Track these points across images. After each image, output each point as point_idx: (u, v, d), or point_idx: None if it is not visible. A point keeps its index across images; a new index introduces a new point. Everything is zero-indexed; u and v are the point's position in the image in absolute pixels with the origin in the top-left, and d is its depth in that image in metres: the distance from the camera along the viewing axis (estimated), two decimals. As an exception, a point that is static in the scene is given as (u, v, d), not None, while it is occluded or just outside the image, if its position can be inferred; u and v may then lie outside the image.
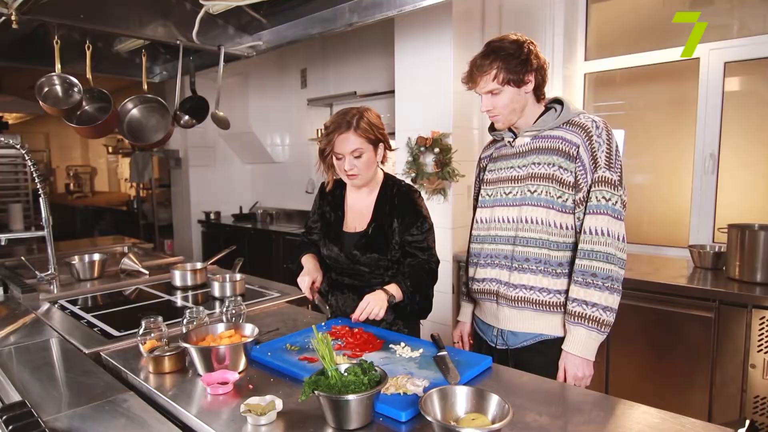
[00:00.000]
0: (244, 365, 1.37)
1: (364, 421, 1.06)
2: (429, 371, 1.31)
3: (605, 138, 1.45)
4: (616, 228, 1.43)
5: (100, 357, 1.50)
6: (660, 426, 1.06)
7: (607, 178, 1.43)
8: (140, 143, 2.62)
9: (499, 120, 1.56)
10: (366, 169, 1.69)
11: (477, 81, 1.50)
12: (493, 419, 0.96)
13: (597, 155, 1.44)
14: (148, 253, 3.37)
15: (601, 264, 1.41)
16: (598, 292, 1.41)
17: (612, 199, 1.43)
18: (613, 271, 1.42)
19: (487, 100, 1.52)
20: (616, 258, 1.42)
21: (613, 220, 1.42)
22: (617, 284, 1.43)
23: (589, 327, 1.42)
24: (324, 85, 4.89)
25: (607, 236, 1.42)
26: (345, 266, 1.80)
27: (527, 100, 1.53)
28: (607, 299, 1.42)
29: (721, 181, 2.97)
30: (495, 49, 1.47)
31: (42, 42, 2.54)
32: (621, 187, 1.46)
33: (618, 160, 1.47)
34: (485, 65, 1.47)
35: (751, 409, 2.13)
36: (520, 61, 1.45)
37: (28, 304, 2.04)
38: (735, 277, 2.32)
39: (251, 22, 2.72)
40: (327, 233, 1.85)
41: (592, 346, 1.44)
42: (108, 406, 1.15)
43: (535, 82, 1.50)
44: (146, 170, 5.61)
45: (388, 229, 1.73)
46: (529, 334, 1.53)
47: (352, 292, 1.80)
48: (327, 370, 1.11)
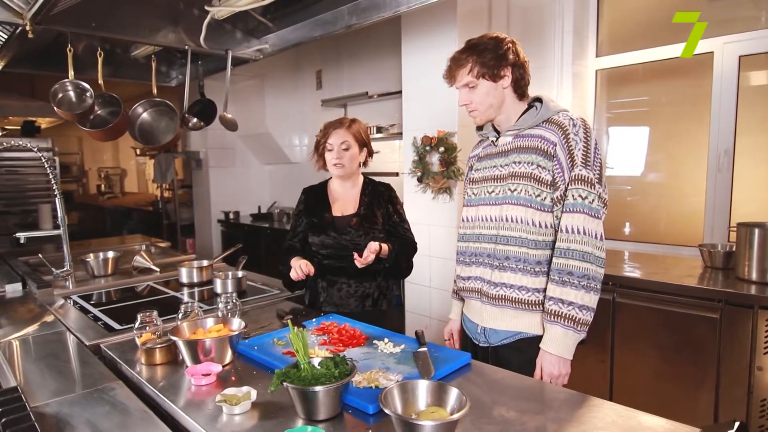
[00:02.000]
0: (230, 358, 1.42)
1: (332, 413, 1.09)
2: (406, 366, 1.33)
3: (582, 136, 1.44)
4: (593, 226, 1.42)
5: (99, 349, 1.58)
6: (621, 424, 1.05)
7: (583, 176, 1.42)
8: (150, 145, 2.72)
9: (477, 115, 1.57)
10: (350, 162, 1.99)
11: (454, 75, 1.53)
12: (451, 412, 0.98)
13: (574, 153, 1.43)
14: (165, 251, 3.49)
15: (578, 262, 1.41)
16: (575, 291, 1.41)
17: (588, 198, 1.42)
18: (590, 269, 1.41)
19: (464, 94, 1.55)
20: (593, 257, 1.41)
21: (589, 218, 1.42)
22: (594, 283, 1.42)
23: (566, 326, 1.42)
24: (338, 85, 4.95)
25: (583, 234, 1.41)
26: (338, 250, 1.96)
27: (505, 96, 1.54)
28: (583, 298, 1.41)
29: (737, 178, 2.88)
30: (472, 45, 1.51)
31: (64, 50, 2.66)
32: (600, 185, 1.45)
33: (597, 157, 1.45)
34: (461, 59, 1.51)
35: (758, 413, 2.07)
36: (495, 55, 1.48)
37: (43, 299, 2.15)
38: (744, 277, 2.26)
39: (258, 26, 2.79)
40: (318, 222, 2.01)
41: (568, 345, 1.44)
42: (96, 394, 1.22)
43: (512, 77, 1.51)
44: (168, 171, 5.79)
45: (374, 214, 2.01)
46: (510, 332, 1.54)
47: (346, 276, 1.97)
48: (300, 363, 1.15)
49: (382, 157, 4.53)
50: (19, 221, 5.07)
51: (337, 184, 2.08)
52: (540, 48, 3.38)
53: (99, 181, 9.86)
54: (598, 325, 2.51)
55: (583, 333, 1.44)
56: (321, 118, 5.25)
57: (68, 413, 1.13)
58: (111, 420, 1.10)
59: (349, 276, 1.97)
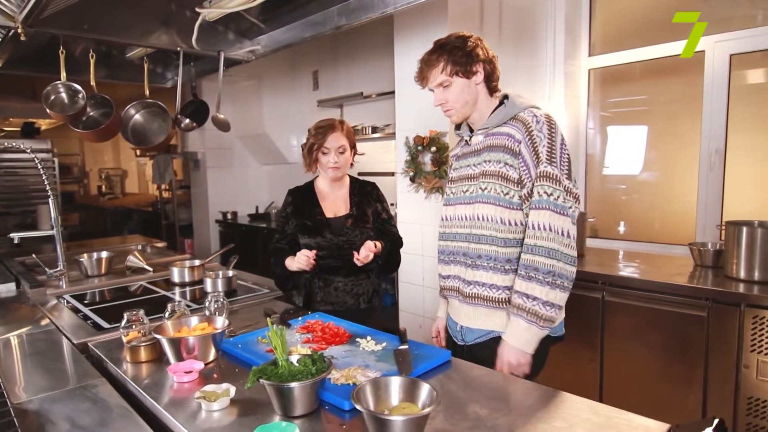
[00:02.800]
0: (213, 356, 1.44)
1: (309, 409, 1.11)
2: (386, 364, 1.35)
3: (546, 132, 1.43)
4: (559, 223, 1.40)
5: (87, 347, 1.60)
6: (594, 420, 1.07)
7: (548, 173, 1.41)
8: (143, 146, 2.74)
9: (453, 114, 1.57)
10: (345, 164, 2.02)
11: (427, 76, 1.54)
12: (423, 407, 1.00)
13: (538, 150, 1.42)
14: (161, 251, 3.52)
15: (543, 259, 1.40)
16: (540, 287, 1.40)
17: (554, 194, 1.41)
18: (556, 266, 1.40)
19: (438, 94, 1.55)
20: (559, 253, 1.40)
21: (555, 215, 1.40)
22: (561, 280, 1.41)
23: (529, 320, 1.42)
24: (335, 86, 4.97)
25: (549, 231, 1.40)
26: (334, 250, 1.98)
27: (479, 93, 1.55)
28: (548, 294, 1.40)
29: (728, 177, 2.89)
30: (441, 45, 1.52)
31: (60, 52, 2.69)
32: (569, 181, 1.43)
33: (563, 153, 1.44)
34: (432, 60, 1.52)
35: (745, 410, 2.08)
36: (465, 52, 1.49)
37: (36, 299, 2.18)
38: (732, 276, 2.26)
39: (250, 27, 2.81)
40: (312, 224, 2.01)
41: (530, 339, 1.43)
42: (79, 391, 1.24)
43: (484, 72, 1.52)
44: (167, 172, 5.82)
45: (365, 213, 2.05)
46: (483, 330, 1.55)
47: (342, 275, 2.00)
48: (279, 360, 1.17)
49: (378, 156, 4.55)
50: (18, 222, 5.11)
51: (325, 185, 2.10)
52: (532, 48, 3.39)
53: (100, 182, 9.91)
54: (588, 323, 2.53)
55: (546, 329, 1.43)
56: (318, 119, 5.25)
57: (49, 409, 1.15)
58: (91, 416, 1.11)
59: (344, 275, 2.00)
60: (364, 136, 4.40)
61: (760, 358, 2.02)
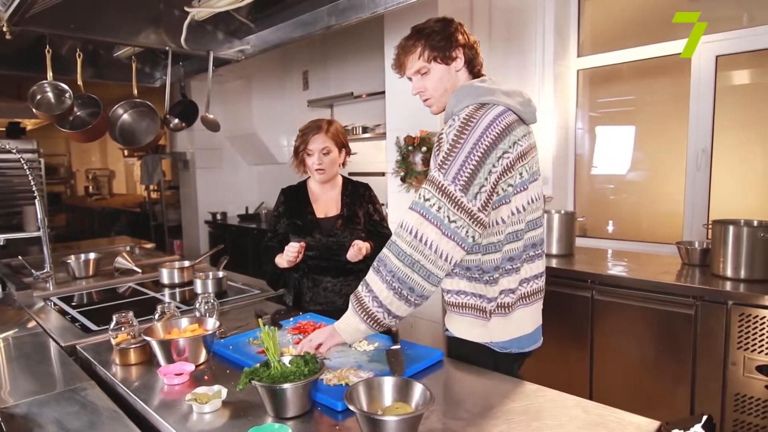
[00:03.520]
0: (204, 358, 1.43)
1: (301, 410, 1.11)
2: (378, 364, 1.35)
3: (452, 137, 1.27)
4: (427, 232, 1.22)
5: (75, 350, 1.58)
6: (584, 418, 1.07)
7: (432, 178, 1.26)
8: (131, 146, 2.71)
9: (432, 103, 1.46)
10: (331, 166, 2.00)
11: (404, 63, 1.43)
12: (416, 407, 1.00)
13: (438, 155, 1.30)
14: (150, 252, 3.48)
15: (404, 267, 1.23)
16: (386, 290, 1.25)
17: (431, 201, 1.23)
18: (413, 280, 1.23)
19: (417, 82, 1.44)
20: (420, 266, 1.22)
21: (425, 222, 1.23)
22: (411, 295, 1.24)
23: (357, 309, 1.30)
24: (325, 86, 4.96)
25: (414, 237, 1.23)
26: (323, 251, 1.98)
27: (459, 80, 1.43)
28: (390, 301, 1.25)
29: (717, 176, 2.93)
30: (418, 30, 1.42)
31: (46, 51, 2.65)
32: (463, 194, 1.22)
33: (467, 164, 1.22)
34: (409, 45, 1.41)
35: (732, 407, 2.10)
36: (444, 36, 1.39)
37: (22, 301, 2.14)
38: (719, 274, 2.29)
39: (240, 26, 2.79)
40: (303, 224, 2.01)
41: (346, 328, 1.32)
42: (67, 394, 1.22)
43: (464, 58, 1.42)
44: (155, 172, 5.76)
45: (356, 214, 2.05)
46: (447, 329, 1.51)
47: (331, 276, 2.00)
48: (271, 361, 1.16)
49: (369, 157, 4.55)
50: (3, 223, 5.03)
51: (317, 187, 2.10)
52: (521, 48, 3.41)
53: (87, 183, 9.80)
54: (578, 322, 2.55)
55: (372, 328, 1.29)
56: (308, 119, 5.22)
57: (37, 413, 1.13)
58: (80, 419, 1.10)
59: (333, 275, 2.00)
60: (354, 137, 4.40)
61: (747, 355, 2.05)
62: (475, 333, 1.41)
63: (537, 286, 1.41)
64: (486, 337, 1.39)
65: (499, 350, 1.40)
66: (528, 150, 1.33)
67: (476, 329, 1.40)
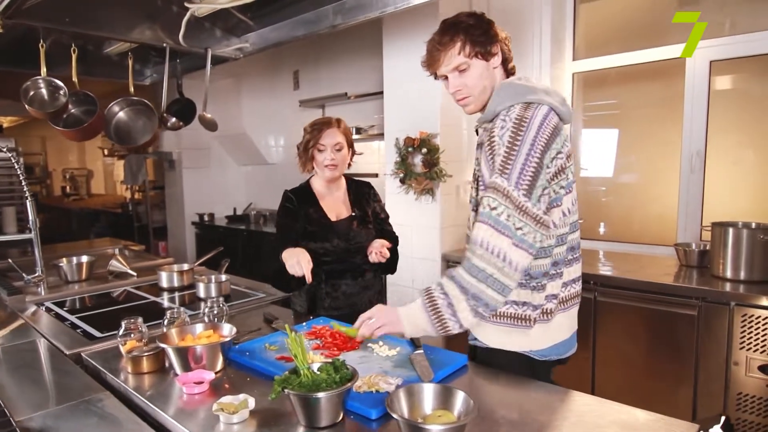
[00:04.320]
0: (221, 365, 1.38)
1: (335, 419, 1.07)
2: (404, 370, 1.32)
3: (507, 138, 1.22)
4: (497, 243, 1.18)
5: (81, 358, 1.51)
6: (626, 421, 1.07)
7: (495, 185, 1.21)
8: (127, 145, 2.63)
9: (470, 101, 1.37)
10: (342, 163, 1.95)
11: (440, 60, 1.33)
12: (459, 416, 0.98)
13: (495, 157, 1.24)
14: (140, 255, 3.39)
15: (475, 281, 1.19)
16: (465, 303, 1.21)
17: (497, 209, 1.19)
18: (485, 294, 1.19)
19: (454, 80, 1.35)
20: (493, 280, 1.18)
21: (495, 233, 1.18)
22: (483, 309, 1.21)
23: (428, 308, 1.24)
24: (316, 86, 4.90)
25: (485, 250, 1.19)
26: (341, 254, 1.91)
27: (496, 78, 1.37)
28: (464, 315, 1.22)
29: (710, 179, 2.98)
30: (453, 24, 1.33)
31: (34, 46, 2.55)
32: (527, 198, 1.18)
33: (527, 166, 1.19)
34: (446, 41, 1.31)
35: (734, 406, 2.14)
36: (483, 30, 1.31)
37: (14, 306, 2.05)
38: (719, 275, 2.33)
39: (238, 24, 2.73)
40: (318, 230, 1.93)
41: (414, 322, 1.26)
42: (83, 405, 1.16)
43: (501, 55, 1.36)
44: (140, 172, 5.62)
45: (366, 214, 2.01)
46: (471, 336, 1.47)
47: (350, 278, 1.94)
48: (299, 369, 1.13)
49: (362, 158, 4.51)
50: (-20, 225, 4.82)
51: (322, 186, 2.01)
52: (519, 51, 3.39)
53: (64, 183, 9.51)
54: (581, 323, 2.56)
55: (438, 329, 1.24)
56: (299, 119, 5.21)
57: (53, 427, 1.07)
58: (101, 432, 1.05)
59: (351, 277, 1.95)
60: (347, 137, 4.36)
61: (749, 354, 2.09)
62: (514, 342, 1.35)
63: (575, 290, 1.38)
64: (526, 345, 1.34)
65: (539, 358, 1.36)
66: (571, 150, 1.31)
67: (516, 338, 1.34)
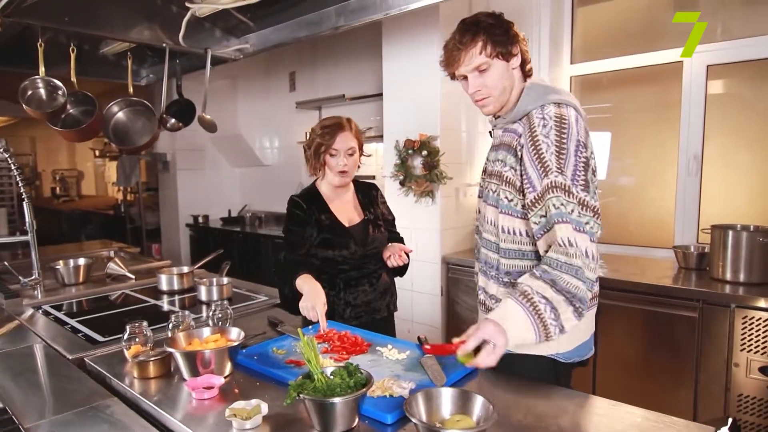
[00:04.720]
0: (230, 369, 1.36)
1: (350, 424, 1.06)
2: (415, 373, 1.31)
3: (554, 137, 1.23)
4: (580, 240, 1.20)
5: (84, 363, 1.48)
6: (642, 425, 1.07)
7: (558, 184, 1.21)
8: (126, 147, 2.59)
9: (489, 102, 1.36)
10: (353, 168, 1.88)
11: (460, 60, 1.31)
12: (477, 420, 0.97)
13: (544, 158, 1.23)
14: (135, 257, 3.35)
15: (568, 277, 1.19)
16: (564, 304, 1.19)
17: (567, 207, 1.21)
18: (580, 289, 1.19)
19: (474, 80, 1.33)
20: (584, 275, 1.19)
21: (574, 231, 1.20)
22: (579, 304, 1.20)
23: (531, 314, 1.17)
24: (312, 88, 4.89)
25: (575, 247, 1.19)
26: (359, 260, 1.87)
27: (515, 79, 1.36)
28: (564, 311, 1.19)
29: (705, 182, 3.01)
30: (474, 23, 1.31)
31: (28, 45, 2.51)
32: (585, 193, 1.23)
33: (578, 161, 1.23)
34: (467, 40, 1.30)
35: (735, 408, 2.15)
36: (503, 30, 1.31)
37: (11, 310, 2.02)
38: (718, 277, 2.35)
39: (238, 25, 2.71)
40: (334, 237, 1.86)
41: (521, 333, 1.18)
42: (91, 412, 1.14)
43: (521, 56, 1.35)
44: (133, 174, 5.56)
45: (377, 216, 1.96)
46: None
47: (368, 284, 1.89)
48: (313, 374, 1.11)
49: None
50: (-30, 226, 4.75)
51: (330, 190, 1.93)
52: (518, 54, 3.43)
53: (54, 184, 9.39)
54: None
55: (539, 338, 1.19)
56: (295, 121, 5.20)
57: (63, 434, 1.05)
58: (112, 440, 1.03)
59: (369, 283, 1.90)
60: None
61: (750, 356, 2.10)
62: (540, 346, 1.32)
63: (595, 290, 1.38)
64: (553, 348, 1.33)
65: (564, 361, 1.34)
66: None
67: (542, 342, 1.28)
